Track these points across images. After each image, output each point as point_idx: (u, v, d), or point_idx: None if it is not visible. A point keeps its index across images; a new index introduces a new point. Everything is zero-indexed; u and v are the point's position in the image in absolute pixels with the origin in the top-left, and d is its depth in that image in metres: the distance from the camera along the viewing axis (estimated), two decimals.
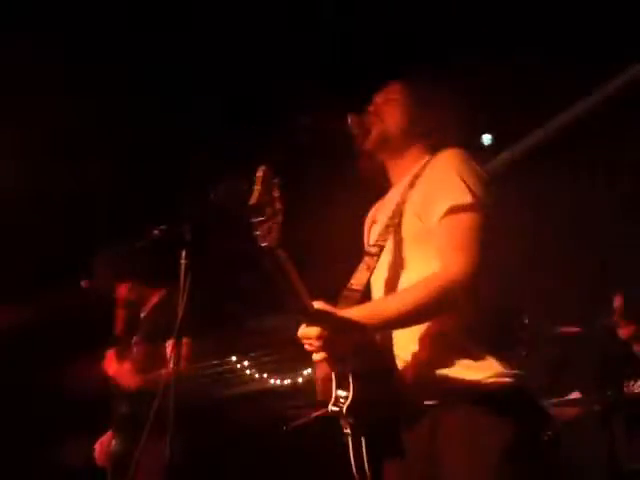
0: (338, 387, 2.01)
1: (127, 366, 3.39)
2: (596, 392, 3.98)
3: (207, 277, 2.26)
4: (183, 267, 2.55)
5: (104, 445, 3.51)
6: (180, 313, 2.39)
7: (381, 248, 2.14)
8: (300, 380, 7.32)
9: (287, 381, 7.28)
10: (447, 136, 2.24)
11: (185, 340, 3.39)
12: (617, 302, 4.37)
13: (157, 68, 4.73)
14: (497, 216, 2.06)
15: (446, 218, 2.01)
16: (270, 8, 4.45)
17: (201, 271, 2.28)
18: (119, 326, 3.52)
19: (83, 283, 3.65)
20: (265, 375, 7.45)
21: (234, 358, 7.40)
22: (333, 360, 1.99)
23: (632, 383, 4.02)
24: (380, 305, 2.10)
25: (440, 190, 2.05)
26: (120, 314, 3.55)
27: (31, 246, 5.33)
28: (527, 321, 4.26)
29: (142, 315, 3.75)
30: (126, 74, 4.67)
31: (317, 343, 1.94)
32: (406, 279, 2.12)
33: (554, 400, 4.25)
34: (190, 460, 3.55)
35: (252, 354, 7.39)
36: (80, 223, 5.31)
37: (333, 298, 2.08)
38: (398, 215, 2.15)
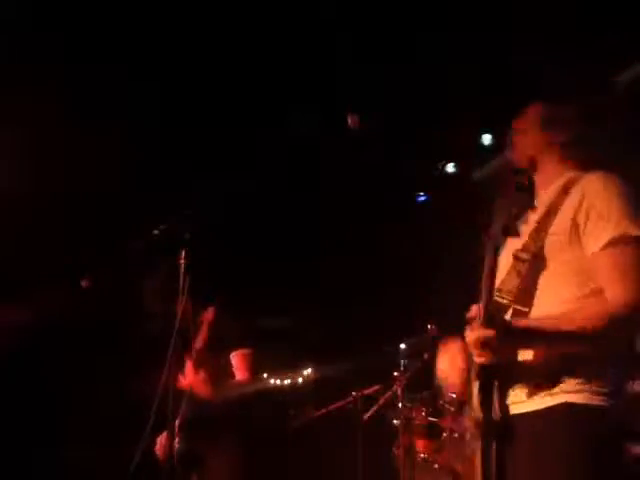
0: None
1: (202, 376, 3.60)
2: None
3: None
4: (183, 267, 2.55)
5: (164, 441, 3.63)
6: (179, 312, 2.38)
7: (533, 255, 2.13)
8: (300, 380, 7.31)
9: (287, 381, 7.27)
10: (585, 150, 2.34)
11: (248, 351, 3.68)
12: None
13: (158, 68, 4.74)
14: None
15: (611, 248, 2.04)
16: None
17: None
18: (200, 341, 3.69)
19: (83, 283, 3.66)
20: (265, 375, 7.43)
21: None
22: (492, 366, 2.03)
23: (637, 382, 4.01)
24: (551, 324, 2.05)
25: (605, 216, 2.07)
26: (203, 330, 3.70)
27: (31, 246, 5.33)
28: None
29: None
30: (126, 73, 4.67)
31: (494, 344, 1.97)
32: (551, 293, 2.11)
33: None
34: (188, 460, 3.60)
35: None
36: (80, 223, 5.31)
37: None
38: (552, 214, 2.17)
